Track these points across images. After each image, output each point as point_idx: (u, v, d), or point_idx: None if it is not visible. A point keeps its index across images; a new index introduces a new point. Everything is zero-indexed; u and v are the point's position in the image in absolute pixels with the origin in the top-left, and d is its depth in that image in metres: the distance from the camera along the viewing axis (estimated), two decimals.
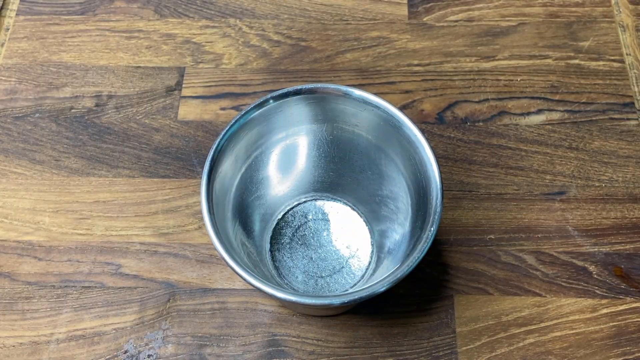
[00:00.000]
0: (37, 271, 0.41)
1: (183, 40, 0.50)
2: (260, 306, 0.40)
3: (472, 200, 0.43)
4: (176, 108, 0.47)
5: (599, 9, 0.51)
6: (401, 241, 0.36)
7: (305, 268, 0.40)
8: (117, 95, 0.48)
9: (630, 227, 0.42)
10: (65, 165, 0.45)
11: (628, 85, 0.47)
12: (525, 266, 0.41)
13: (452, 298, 0.40)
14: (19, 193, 0.44)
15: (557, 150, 0.45)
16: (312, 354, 0.38)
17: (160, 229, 0.42)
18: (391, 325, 0.39)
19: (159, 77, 0.48)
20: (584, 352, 0.38)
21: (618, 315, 0.39)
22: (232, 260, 0.31)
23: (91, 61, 0.49)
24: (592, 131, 0.45)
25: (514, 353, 0.38)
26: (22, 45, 0.50)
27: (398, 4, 0.52)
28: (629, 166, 0.44)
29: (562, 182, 0.43)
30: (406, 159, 0.35)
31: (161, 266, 0.41)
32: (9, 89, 0.48)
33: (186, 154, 0.45)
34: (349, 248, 0.41)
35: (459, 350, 0.38)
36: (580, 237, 0.42)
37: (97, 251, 0.41)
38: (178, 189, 0.44)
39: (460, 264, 0.41)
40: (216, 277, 0.40)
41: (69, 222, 0.43)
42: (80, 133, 0.46)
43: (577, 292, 0.40)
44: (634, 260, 0.41)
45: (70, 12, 0.52)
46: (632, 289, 0.40)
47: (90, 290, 0.40)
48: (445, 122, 0.46)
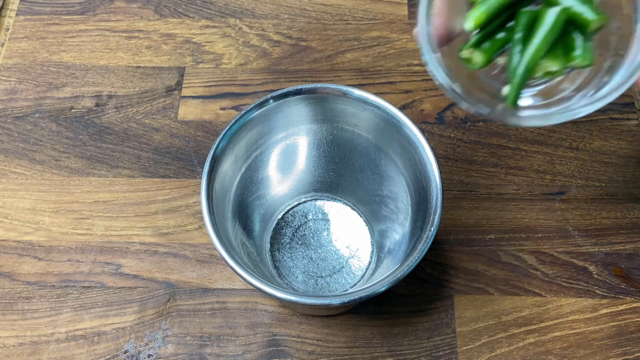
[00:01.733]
0: (37, 271, 0.41)
1: (183, 40, 0.50)
2: (260, 306, 0.40)
3: (472, 200, 0.43)
4: (176, 108, 0.47)
5: None
6: (401, 241, 0.36)
7: (305, 268, 0.40)
8: (117, 95, 0.48)
9: (630, 227, 0.42)
10: (65, 165, 0.45)
11: None
12: (525, 266, 0.41)
13: (452, 298, 0.40)
14: (19, 193, 0.44)
15: (557, 150, 0.45)
16: (312, 353, 0.38)
17: (160, 229, 0.42)
18: (391, 325, 0.39)
19: (159, 77, 0.48)
20: (584, 352, 0.38)
21: (618, 315, 0.39)
22: (232, 260, 0.31)
23: (91, 61, 0.49)
24: (592, 131, 0.45)
25: (514, 353, 0.38)
26: (22, 45, 0.50)
27: (398, 4, 0.52)
28: (629, 166, 0.44)
29: (562, 182, 0.43)
30: (406, 158, 0.35)
31: (161, 266, 0.41)
32: (9, 89, 0.48)
33: (186, 154, 0.45)
34: (349, 248, 0.41)
35: (459, 350, 0.38)
36: (580, 237, 0.42)
37: (97, 251, 0.41)
38: (178, 189, 0.44)
39: (461, 264, 0.41)
40: (216, 277, 0.40)
41: (69, 222, 0.43)
42: (80, 133, 0.46)
43: (577, 292, 0.40)
44: (634, 260, 0.41)
45: (70, 12, 0.52)
46: (632, 288, 0.40)
47: (90, 290, 0.40)
48: (445, 122, 0.46)
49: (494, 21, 0.25)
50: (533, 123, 0.25)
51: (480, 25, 0.24)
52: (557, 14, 0.23)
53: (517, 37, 0.24)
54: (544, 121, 0.25)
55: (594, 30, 0.24)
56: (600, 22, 0.23)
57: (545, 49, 0.24)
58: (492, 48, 0.25)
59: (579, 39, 0.24)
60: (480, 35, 0.25)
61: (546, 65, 0.24)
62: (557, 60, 0.24)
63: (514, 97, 0.25)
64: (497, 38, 0.25)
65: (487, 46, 0.25)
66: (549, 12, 0.23)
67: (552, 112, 0.25)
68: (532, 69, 0.24)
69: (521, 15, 0.24)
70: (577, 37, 0.24)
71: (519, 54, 0.24)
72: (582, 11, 0.23)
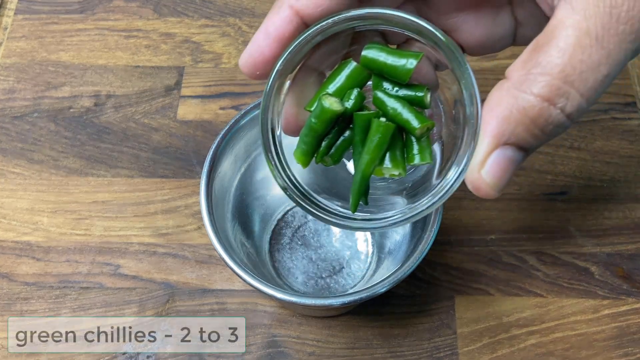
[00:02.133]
0: (36, 272, 0.41)
1: (182, 39, 0.50)
2: (259, 307, 0.39)
3: (473, 200, 0.43)
4: (175, 108, 0.47)
5: None
6: (402, 241, 0.36)
7: (305, 269, 0.40)
8: (115, 95, 0.47)
9: (632, 228, 0.42)
10: (63, 165, 0.44)
11: (630, 85, 0.47)
12: (526, 267, 0.40)
13: (453, 299, 0.39)
14: (17, 193, 0.43)
15: (559, 150, 0.44)
16: (312, 355, 0.38)
17: (159, 229, 0.42)
18: (392, 326, 0.39)
19: (158, 76, 0.48)
20: (586, 353, 0.38)
21: (620, 316, 0.39)
22: (231, 261, 0.30)
23: (90, 60, 0.49)
24: (594, 131, 0.45)
25: (515, 354, 0.38)
26: (20, 44, 0.50)
27: None
28: (630, 166, 0.44)
29: (563, 182, 0.43)
30: None
31: (160, 267, 0.41)
32: (7, 89, 0.48)
33: (185, 154, 0.45)
34: (349, 249, 0.41)
35: (460, 351, 0.38)
36: (581, 238, 0.41)
37: (96, 251, 0.41)
38: (177, 189, 0.43)
39: (461, 265, 0.40)
40: (215, 278, 0.40)
41: (67, 222, 0.42)
42: (78, 133, 0.46)
43: (579, 292, 0.40)
44: (635, 261, 0.40)
45: (68, 11, 0.51)
46: (634, 289, 0.40)
47: (89, 291, 0.40)
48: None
49: (328, 135, 0.25)
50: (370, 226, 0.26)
51: (306, 162, 0.25)
52: (385, 124, 0.23)
53: (357, 139, 0.24)
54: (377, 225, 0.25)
55: (423, 134, 0.24)
56: (423, 129, 0.23)
57: (379, 157, 0.24)
58: (338, 152, 0.25)
59: (414, 140, 0.24)
60: (323, 147, 0.25)
61: (388, 169, 0.24)
62: (396, 163, 0.24)
63: (354, 204, 0.25)
64: (341, 141, 0.25)
65: (333, 152, 0.25)
66: (378, 122, 0.23)
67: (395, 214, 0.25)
68: (367, 177, 0.24)
69: (357, 117, 0.24)
70: (413, 138, 0.24)
71: (358, 157, 0.24)
72: (408, 119, 0.23)
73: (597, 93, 0.20)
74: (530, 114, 0.20)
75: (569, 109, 0.20)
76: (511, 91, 0.20)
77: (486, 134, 0.21)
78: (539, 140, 0.21)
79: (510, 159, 0.21)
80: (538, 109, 0.20)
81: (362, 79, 0.24)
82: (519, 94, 0.20)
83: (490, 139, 0.21)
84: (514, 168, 0.21)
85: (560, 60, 0.19)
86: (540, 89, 0.20)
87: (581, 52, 0.19)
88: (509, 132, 0.20)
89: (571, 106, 0.20)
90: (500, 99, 0.20)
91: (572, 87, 0.19)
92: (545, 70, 0.20)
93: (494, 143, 0.21)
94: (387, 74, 0.23)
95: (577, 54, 0.19)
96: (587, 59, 0.19)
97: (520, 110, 0.20)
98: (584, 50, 0.19)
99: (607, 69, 0.19)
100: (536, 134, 0.20)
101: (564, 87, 0.19)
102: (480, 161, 0.21)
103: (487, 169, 0.21)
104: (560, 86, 0.19)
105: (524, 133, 0.20)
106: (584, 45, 0.19)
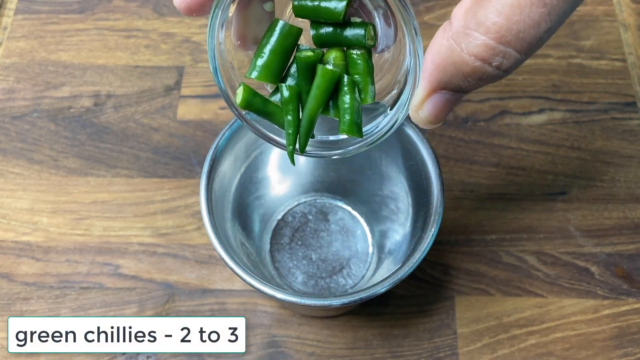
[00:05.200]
0: (35, 272, 0.41)
1: (182, 39, 0.50)
2: (259, 307, 0.39)
3: (473, 200, 0.43)
4: (175, 107, 0.47)
5: (601, 8, 0.50)
6: (402, 242, 0.36)
7: (305, 269, 0.40)
8: (115, 95, 0.47)
9: (632, 228, 0.42)
10: (63, 165, 0.44)
11: (630, 85, 0.47)
12: (526, 267, 0.40)
13: (453, 299, 0.39)
14: (17, 193, 0.43)
15: (559, 150, 0.44)
16: (312, 355, 0.38)
17: (159, 229, 0.42)
18: (392, 327, 0.39)
19: (158, 76, 0.48)
20: (586, 353, 0.38)
21: (620, 316, 0.39)
22: (231, 261, 0.30)
23: (89, 60, 0.49)
24: (594, 131, 0.45)
25: (516, 354, 0.38)
26: (20, 44, 0.50)
27: None
28: (631, 166, 0.44)
29: (563, 182, 0.43)
30: (407, 159, 0.35)
31: (160, 267, 0.41)
32: (7, 89, 0.48)
33: (185, 154, 0.45)
34: (349, 249, 0.41)
35: (460, 352, 0.38)
36: (582, 238, 0.41)
37: (96, 252, 0.41)
38: (177, 189, 0.43)
39: (461, 265, 0.40)
40: (215, 278, 0.40)
41: (67, 222, 0.42)
42: (78, 133, 0.46)
43: (579, 292, 0.39)
44: (636, 261, 0.40)
45: (68, 10, 0.51)
46: (634, 289, 0.40)
47: (89, 291, 0.40)
48: (446, 122, 0.46)
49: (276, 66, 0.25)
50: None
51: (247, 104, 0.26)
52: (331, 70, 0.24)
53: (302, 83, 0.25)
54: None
55: (371, 39, 0.24)
56: (369, 34, 0.24)
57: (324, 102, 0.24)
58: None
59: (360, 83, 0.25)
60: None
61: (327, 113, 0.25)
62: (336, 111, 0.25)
63: (302, 145, 0.26)
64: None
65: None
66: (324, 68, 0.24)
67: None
68: (313, 120, 0.25)
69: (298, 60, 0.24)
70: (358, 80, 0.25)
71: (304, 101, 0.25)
72: (354, 34, 0.24)
73: (537, 46, 0.20)
74: (465, 70, 0.20)
75: (505, 65, 0.20)
76: (450, 42, 0.20)
77: (424, 79, 0.22)
78: (475, 87, 0.21)
79: (447, 100, 0.22)
80: (472, 67, 0.20)
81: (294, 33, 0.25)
82: (456, 47, 0.20)
83: (427, 84, 0.22)
84: (452, 106, 0.22)
85: (498, 19, 0.19)
86: (475, 48, 0.20)
87: (519, 12, 0.19)
88: (445, 81, 0.21)
89: (507, 63, 0.20)
90: (440, 48, 0.21)
91: (509, 46, 0.19)
92: (482, 29, 0.19)
93: (430, 88, 0.22)
94: (323, 17, 0.24)
95: (515, 14, 0.19)
96: (526, 18, 0.19)
97: (456, 65, 0.20)
98: (523, 10, 0.19)
99: (547, 25, 0.19)
100: (472, 83, 0.21)
101: (500, 47, 0.19)
102: (418, 104, 0.22)
103: (425, 110, 0.23)
104: (496, 46, 0.19)
105: (460, 82, 0.21)
106: (522, 5, 0.19)
